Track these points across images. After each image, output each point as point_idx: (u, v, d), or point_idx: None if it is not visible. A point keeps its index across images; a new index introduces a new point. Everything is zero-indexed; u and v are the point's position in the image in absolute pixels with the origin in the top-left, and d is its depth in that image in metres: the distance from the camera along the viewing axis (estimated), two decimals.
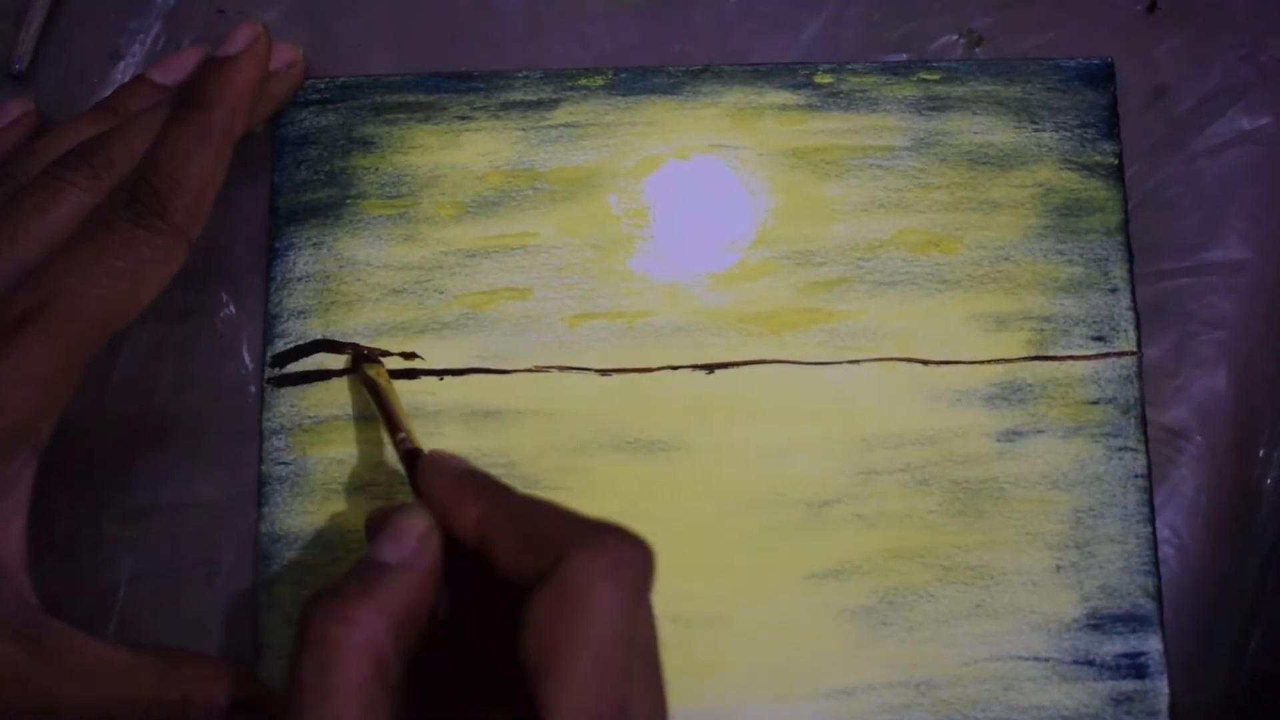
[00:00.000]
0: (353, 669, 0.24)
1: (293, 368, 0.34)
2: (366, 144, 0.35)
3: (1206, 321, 0.34)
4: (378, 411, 0.32)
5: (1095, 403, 0.34)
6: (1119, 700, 0.32)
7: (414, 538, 0.27)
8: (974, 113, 0.35)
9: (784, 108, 0.35)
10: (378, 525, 0.28)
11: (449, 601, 0.28)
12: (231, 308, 0.34)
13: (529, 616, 0.24)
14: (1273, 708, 0.33)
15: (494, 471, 0.33)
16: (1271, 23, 0.36)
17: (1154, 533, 0.33)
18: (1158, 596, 0.33)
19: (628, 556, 0.25)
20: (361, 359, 0.34)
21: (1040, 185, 0.35)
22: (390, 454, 0.33)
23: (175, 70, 0.34)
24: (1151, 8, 0.36)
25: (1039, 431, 0.33)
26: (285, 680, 0.25)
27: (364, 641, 0.25)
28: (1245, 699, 0.33)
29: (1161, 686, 0.32)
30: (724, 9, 0.36)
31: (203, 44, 0.35)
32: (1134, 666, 0.32)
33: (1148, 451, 0.33)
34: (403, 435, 0.30)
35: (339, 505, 0.33)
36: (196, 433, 0.34)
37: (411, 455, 0.30)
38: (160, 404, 0.34)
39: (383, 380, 0.33)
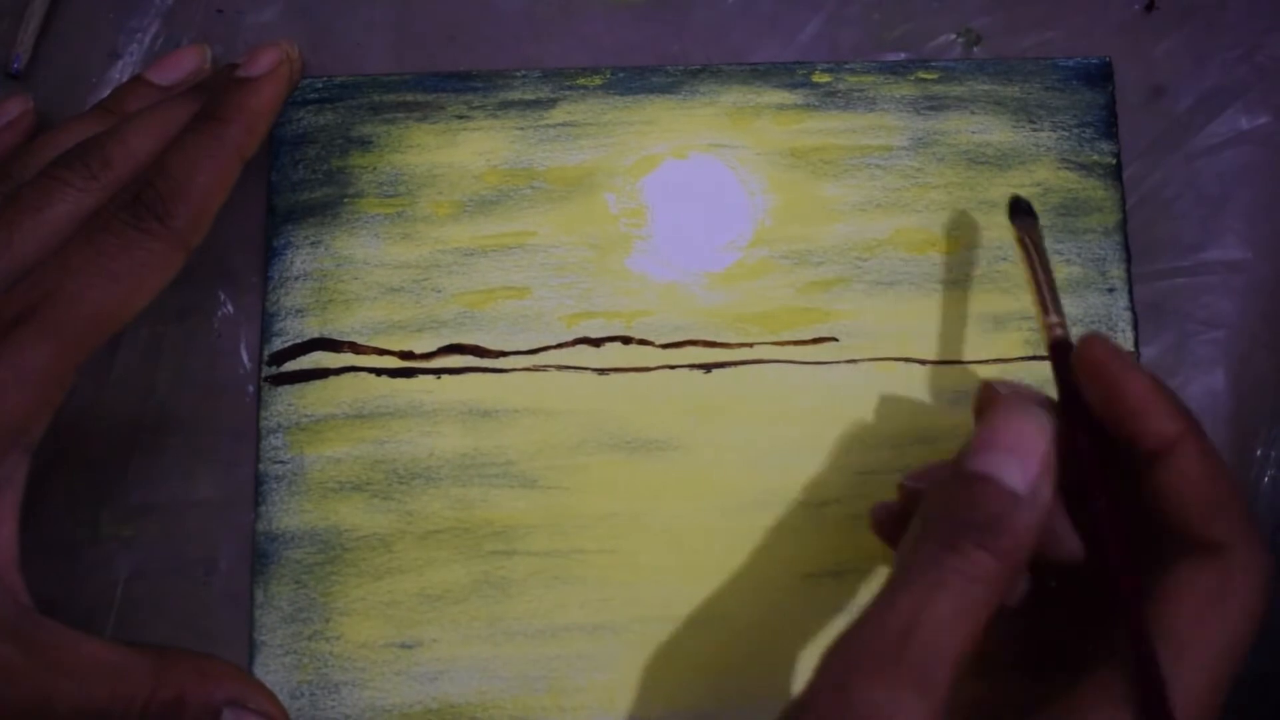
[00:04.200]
0: (987, 597, 0.24)
1: (290, 366, 0.34)
2: (364, 143, 0.35)
3: (1204, 321, 0.34)
4: (1028, 279, 0.29)
5: None
6: None
7: (1038, 459, 0.25)
8: (972, 112, 0.35)
9: (782, 107, 0.35)
10: (998, 434, 0.25)
11: None
12: (229, 307, 0.34)
13: (1181, 580, 0.24)
14: (1273, 708, 0.33)
15: (491, 470, 0.33)
16: (1270, 22, 0.36)
17: None
18: None
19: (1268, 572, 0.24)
20: (1020, 210, 0.30)
21: (1038, 185, 0.35)
22: (388, 452, 0.33)
23: (173, 70, 0.34)
24: (1150, 7, 0.36)
25: None
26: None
27: (998, 574, 0.24)
28: (1245, 699, 0.33)
29: None
30: (723, 8, 0.36)
31: (202, 43, 0.35)
32: None
33: None
34: (1055, 320, 0.27)
35: (336, 504, 0.33)
36: (194, 432, 0.34)
37: (1063, 345, 0.27)
38: (158, 403, 0.34)
39: (1039, 240, 0.29)
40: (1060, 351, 0.27)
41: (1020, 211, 0.30)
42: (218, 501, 0.33)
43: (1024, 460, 0.25)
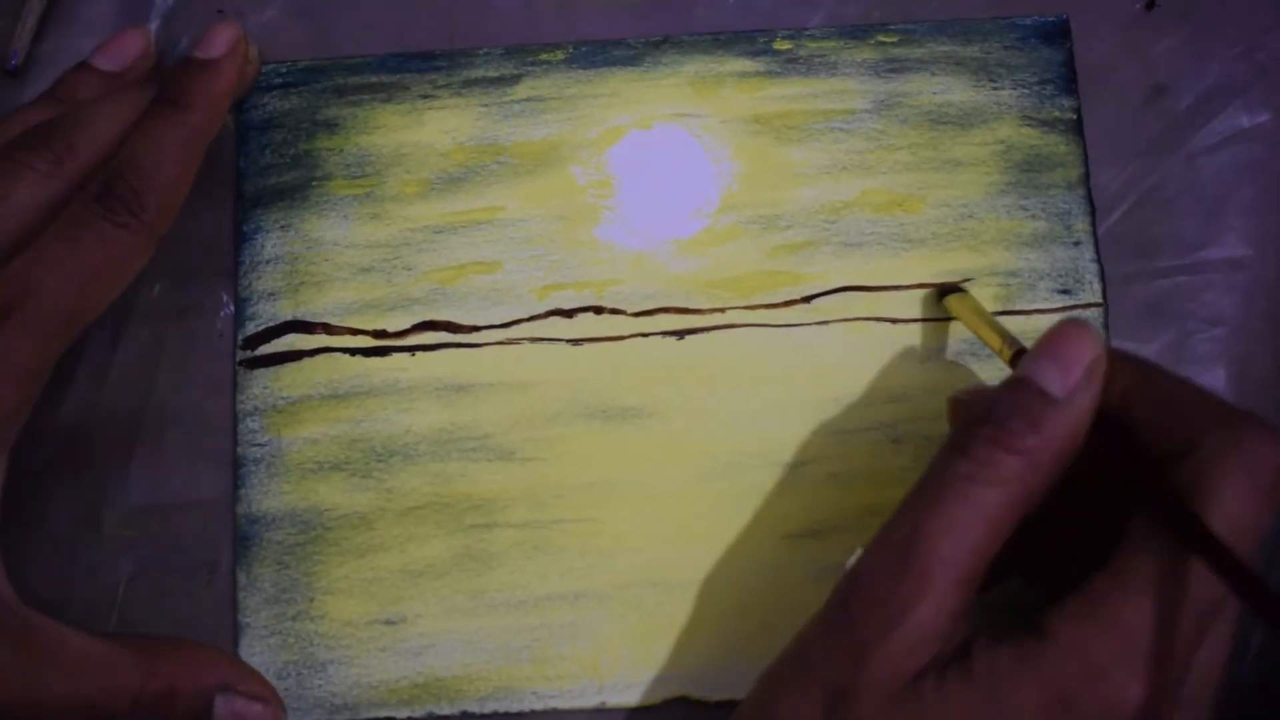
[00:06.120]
0: (984, 515, 0.24)
1: (264, 350, 0.34)
2: (330, 126, 0.35)
3: (1205, 320, 0.34)
4: (976, 333, 0.32)
5: None
6: None
7: (1080, 368, 0.26)
8: (932, 73, 0.35)
9: (744, 75, 0.35)
10: (1043, 343, 0.26)
11: None
12: (231, 307, 0.34)
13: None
14: (1273, 708, 0.33)
15: (468, 444, 0.33)
16: (1270, 20, 0.36)
17: None
18: None
19: (1266, 454, 0.24)
20: (946, 291, 0.34)
21: (1001, 143, 0.35)
22: (365, 431, 0.33)
23: (119, 56, 0.34)
24: (1150, 5, 0.36)
25: None
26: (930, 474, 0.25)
27: (1019, 474, 0.25)
28: (1245, 699, 0.33)
29: None
30: (723, 7, 0.36)
31: (143, 24, 0.35)
32: None
33: None
34: (1011, 340, 0.30)
35: (315, 484, 0.33)
36: (195, 432, 0.34)
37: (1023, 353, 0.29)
38: (159, 403, 0.34)
39: (972, 303, 0.33)
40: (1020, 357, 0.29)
41: (945, 292, 0.34)
42: (219, 501, 0.33)
43: (1065, 366, 0.26)
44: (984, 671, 0.24)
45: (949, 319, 0.34)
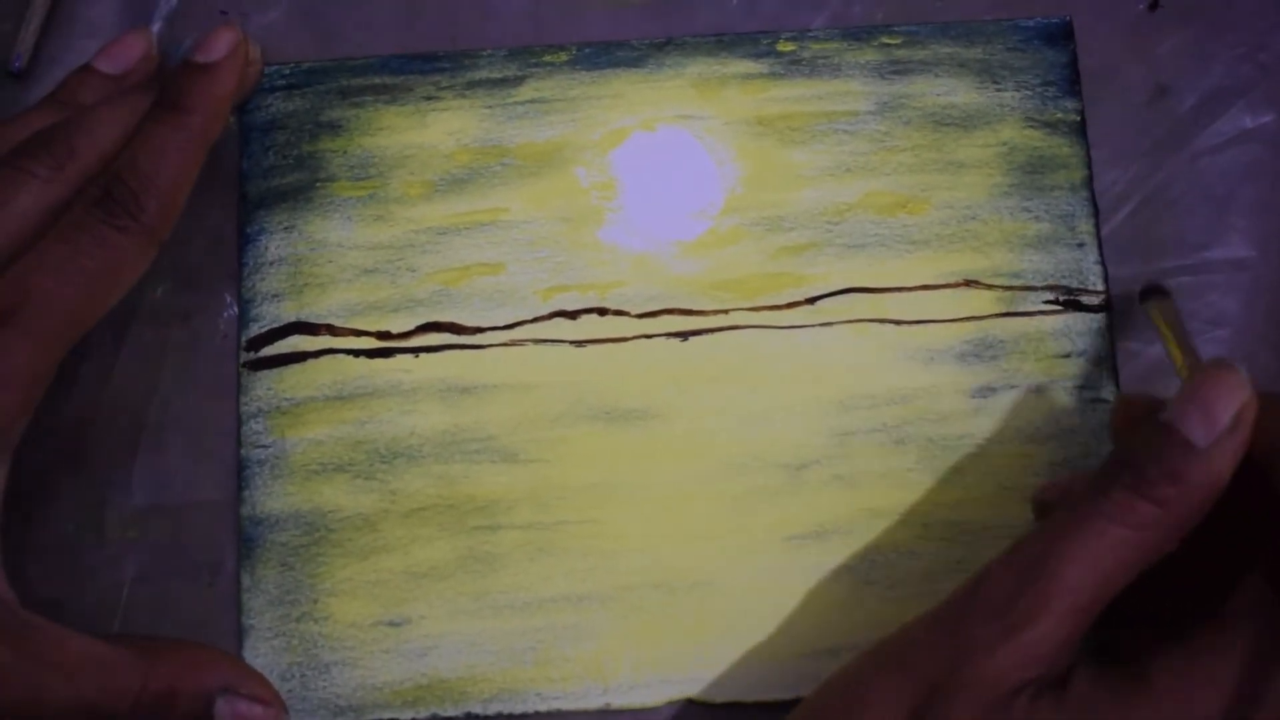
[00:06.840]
0: (1116, 553, 0.24)
1: (268, 351, 0.34)
2: (334, 127, 0.35)
3: (1209, 320, 0.34)
4: (1164, 344, 0.31)
5: (1066, 356, 0.34)
6: None
7: (1227, 416, 0.25)
8: (936, 75, 0.35)
9: (747, 77, 0.35)
10: (1189, 387, 0.26)
11: None
12: (235, 308, 0.34)
13: None
14: None
15: (472, 446, 0.33)
16: (1274, 20, 0.36)
17: None
18: None
19: None
20: (1149, 291, 0.33)
21: (1004, 144, 0.35)
22: (369, 433, 0.33)
23: (121, 59, 0.34)
24: (1153, 6, 0.36)
25: (1012, 387, 0.34)
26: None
27: (1156, 520, 0.24)
28: None
29: None
30: (726, 9, 0.36)
31: (145, 26, 0.35)
32: None
33: None
34: (1193, 360, 0.29)
35: (319, 486, 0.33)
36: (199, 433, 0.34)
37: None
38: (162, 405, 0.34)
39: (1171, 312, 0.32)
40: None
41: (1149, 295, 0.33)
42: (223, 503, 0.33)
43: (1209, 414, 0.25)
44: (1077, 703, 0.24)
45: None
